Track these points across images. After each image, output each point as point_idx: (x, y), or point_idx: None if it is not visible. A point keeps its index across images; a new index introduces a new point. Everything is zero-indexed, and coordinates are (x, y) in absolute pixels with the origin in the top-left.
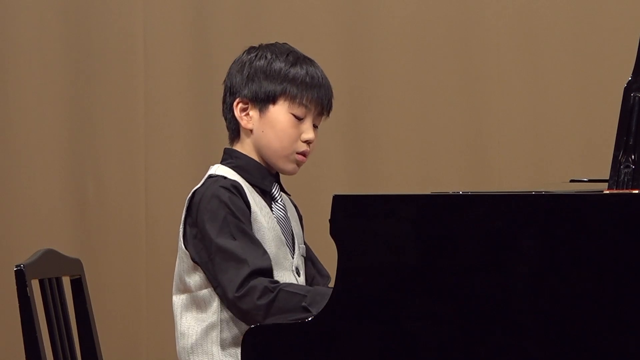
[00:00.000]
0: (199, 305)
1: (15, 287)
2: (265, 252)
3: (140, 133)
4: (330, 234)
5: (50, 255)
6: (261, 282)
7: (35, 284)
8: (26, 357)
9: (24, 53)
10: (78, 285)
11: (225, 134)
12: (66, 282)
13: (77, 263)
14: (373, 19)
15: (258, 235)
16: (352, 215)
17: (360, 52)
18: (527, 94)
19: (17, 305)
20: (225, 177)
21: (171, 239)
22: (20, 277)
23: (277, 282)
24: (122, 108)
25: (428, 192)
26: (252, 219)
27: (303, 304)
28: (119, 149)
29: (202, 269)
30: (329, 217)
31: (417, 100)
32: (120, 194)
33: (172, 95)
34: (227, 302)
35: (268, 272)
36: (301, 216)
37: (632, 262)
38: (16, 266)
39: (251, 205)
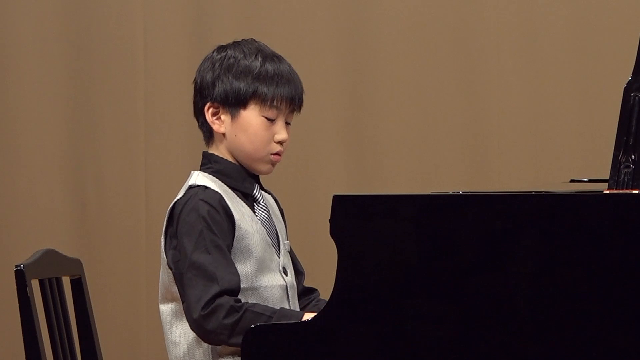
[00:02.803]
0: None
1: (15, 287)
2: (236, 271)
3: (140, 133)
4: (330, 234)
5: (50, 255)
6: (227, 301)
7: (35, 284)
8: (26, 357)
9: (24, 53)
10: (78, 285)
11: None
12: (66, 282)
13: (77, 263)
14: (373, 19)
15: (244, 242)
16: (352, 215)
17: (360, 52)
18: (527, 94)
19: (17, 305)
20: (206, 188)
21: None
22: (20, 277)
23: (241, 301)
24: (122, 108)
25: (428, 192)
26: (236, 227)
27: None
28: (119, 149)
29: (176, 281)
30: (329, 217)
31: (417, 100)
32: (120, 194)
33: (172, 95)
34: (190, 320)
35: (236, 292)
36: (282, 210)
37: (632, 262)
38: (16, 266)
39: (234, 214)
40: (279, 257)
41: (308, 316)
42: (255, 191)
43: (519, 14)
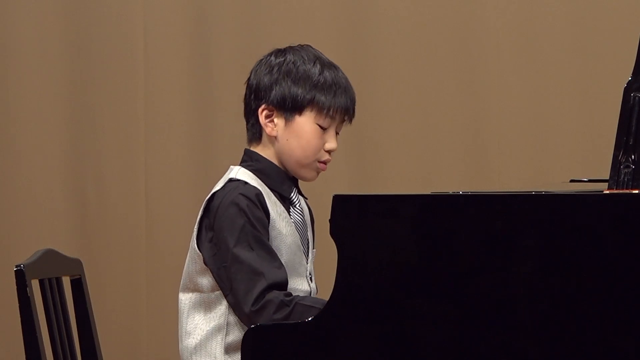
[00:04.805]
0: (208, 306)
1: (15, 287)
2: (281, 264)
3: (140, 133)
4: (330, 234)
5: (50, 255)
6: (277, 296)
7: (35, 284)
8: (26, 357)
9: (24, 53)
10: (78, 285)
11: (223, 133)
12: (66, 282)
13: (77, 263)
14: (373, 19)
15: (275, 243)
16: (352, 215)
17: (360, 52)
18: (527, 94)
19: (17, 305)
20: (246, 183)
21: (171, 239)
22: (20, 277)
23: (291, 295)
24: (122, 108)
25: (428, 192)
26: (270, 227)
27: None
28: (119, 149)
29: (212, 274)
30: (329, 217)
31: (417, 100)
32: (120, 194)
33: (172, 95)
34: (241, 315)
35: (284, 285)
36: (313, 220)
37: (632, 262)
38: (16, 266)
39: (270, 213)
40: (307, 263)
41: None
42: (292, 194)
43: (519, 14)
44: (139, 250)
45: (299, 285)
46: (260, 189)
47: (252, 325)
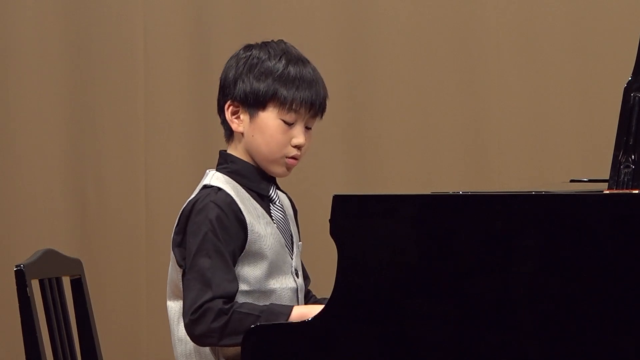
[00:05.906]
0: None
1: (15, 287)
2: (235, 277)
3: (140, 133)
4: (330, 234)
5: (50, 255)
6: (216, 304)
7: (35, 284)
8: (26, 357)
9: (24, 53)
10: (78, 285)
11: (223, 133)
12: (66, 282)
13: (77, 263)
14: (373, 19)
15: (256, 246)
16: (352, 215)
17: (360, 52)
18: (527, 94)
19: (17, 305)
20: (219, 190)
21: (171, 239)
22: (20, 277)
23: (231, 301)
24: (122, 108)
25: (428, 192)
26: (249, 231)
27: (258, 324)
28: (119, 149)
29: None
30: (329, 217)
31: (417, 100)
32: (120, 194)
33: (172, 95)
34: (184, 323)
35: (231, 298)
36: (296, 210)
37: (632, 262)
38: (16, 266)
39: (246, 218)
40: (292, 259)
41: (297, 310)
42: (271, 192)
43: (519, 14)
44: (139, 250)
45: (285, 283)
46: (235, 192)
47: (190, 336)
